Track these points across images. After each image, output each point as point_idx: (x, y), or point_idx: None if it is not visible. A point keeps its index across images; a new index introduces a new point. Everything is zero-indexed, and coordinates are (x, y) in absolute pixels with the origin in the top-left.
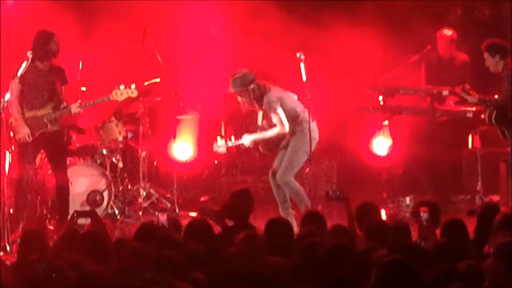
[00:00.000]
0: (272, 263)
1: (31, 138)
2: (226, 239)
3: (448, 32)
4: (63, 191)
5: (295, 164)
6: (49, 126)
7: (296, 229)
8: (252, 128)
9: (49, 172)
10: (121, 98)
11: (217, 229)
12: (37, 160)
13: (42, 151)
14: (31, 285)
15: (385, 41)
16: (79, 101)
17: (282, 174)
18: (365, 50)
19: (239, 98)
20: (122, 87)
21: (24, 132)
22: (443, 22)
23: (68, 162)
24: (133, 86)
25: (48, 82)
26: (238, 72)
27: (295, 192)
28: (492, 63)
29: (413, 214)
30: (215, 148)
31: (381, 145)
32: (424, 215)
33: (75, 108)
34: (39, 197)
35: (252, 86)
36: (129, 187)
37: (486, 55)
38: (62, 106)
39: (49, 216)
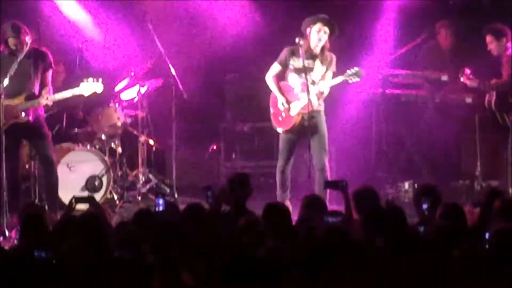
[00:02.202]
0: (271, 248)
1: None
2: (223, 224)
3: (447, 23)
4: (50, 178)
5: None
6: (22, 116)
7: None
8: (256, 112)
9: None
10: (87, 92)
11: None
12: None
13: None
14: (31, 271)
15: (384, 26)
16: (47, 95)
17: (326, 159)
18: (363, 36)
19: (321, 34)
20: (90, 79)
21: None
22: (442, 8)
23: (66, 148)
24: (100, 80)
25: (23, 72)
26: None
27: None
28: (498, 46)
29: (415, 202)
30: None
31: (379, 130)
32: (425, 205)
33: (43, 99)
34: (37, 184)
35: (334, 36)
36: (128, 172)
37: (490, 38)
38: (38, 95)
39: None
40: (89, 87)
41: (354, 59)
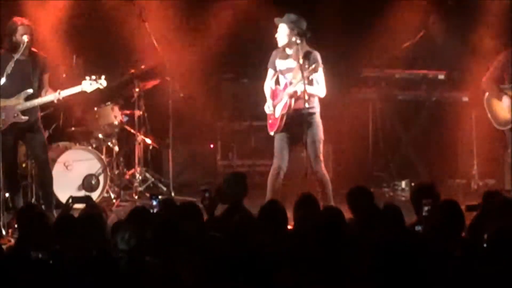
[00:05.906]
0: (265, 246)
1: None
2: (218, 223)
3: (440, 16)
4: (44, 177)
5: None
6: (20, 116)
7: None
8: (253, 111)
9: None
10: (90, 89)
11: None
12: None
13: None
14: (28, 272)
15: (379, 26)
16: (58, 90)
17: (319, 167)
18: (358, 35)
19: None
20: (93, 77)
21: None
22: (438, 7)
23: (63, 147)
24: (103, 77)
25: (22, 73)
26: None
27: None
28: None
29: (412, 201)
30: None
31: (376, 129)
32: (426, 207)
33: (56, 94)
34: (34, 183)
35: (307, 35)
36: (125, 171)
37: None
38: (37, 96)
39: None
40: (92, 83)
41: (352, 58)
